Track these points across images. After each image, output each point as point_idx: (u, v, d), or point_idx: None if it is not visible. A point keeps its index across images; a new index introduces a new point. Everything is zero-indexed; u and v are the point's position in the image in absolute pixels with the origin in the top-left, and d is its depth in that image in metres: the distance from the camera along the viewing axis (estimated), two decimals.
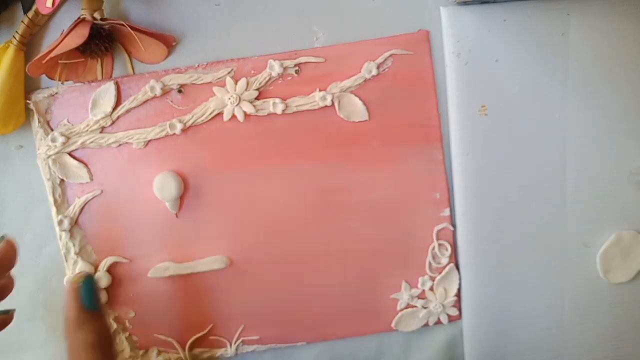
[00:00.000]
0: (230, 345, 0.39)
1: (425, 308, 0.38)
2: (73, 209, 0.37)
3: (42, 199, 0.37)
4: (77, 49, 0.33)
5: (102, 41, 0.35)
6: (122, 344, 0.38)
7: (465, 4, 0.35)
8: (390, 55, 0.36)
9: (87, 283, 0.32)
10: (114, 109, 0.36)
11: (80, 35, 0.32)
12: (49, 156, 0.36)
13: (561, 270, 0.37)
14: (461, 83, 0.36)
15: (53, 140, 0.36)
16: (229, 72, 0.36)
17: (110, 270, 0.37)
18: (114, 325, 0.38)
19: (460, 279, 0.38)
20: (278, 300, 0.38)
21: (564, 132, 0.36)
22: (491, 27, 0.36)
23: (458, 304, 0.38)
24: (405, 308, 0.38)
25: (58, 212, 0.37)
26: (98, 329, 0.31)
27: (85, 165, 0.37)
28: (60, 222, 0.37)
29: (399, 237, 0.38)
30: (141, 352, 0.38)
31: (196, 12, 0.36)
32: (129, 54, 0.36)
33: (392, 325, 0.38)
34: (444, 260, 0.38)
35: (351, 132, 0.37)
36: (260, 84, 0.36)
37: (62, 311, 0.38)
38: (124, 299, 0.38)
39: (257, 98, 0.36)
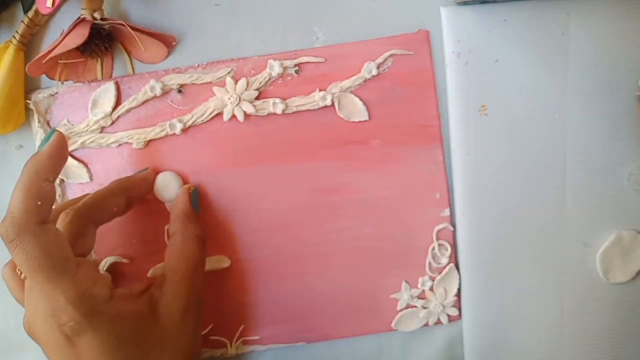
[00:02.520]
0: (230, 345, 0.39)
1: (425, 308, 0.38)
2: None
3: None
4: (77, 48, 0.33)
5: (102, 41, 0.35)
6: None
7: (465, 4, 0.35)
8: (390, 55, 0.36)
9: (196, 191, 0.36)
10: (114, 109, 0.36)
11: (80, 35, 0.32)
12: None
13: (561, 270, 0.37)
14: (461, 83, 0.36)
15: None
16: (229, 72, 0.36)
17: (110, 270, 0.37)
18: None
19: (460, 279, 0.38)
20: (278, 300, 0.38)
21: (564, 132, 0.36)
22: (491, 27, 0.36)
23: (458, 304, 0.38)
24: (405, 308, 0.38)
25: None
26: (202, 227, 0.35)
27: (85, 165, 0.37)
28: None
29: (398, 237, 0.38)
30: None
31: (196, 12, 0.36)
32: (129, 54, 0.36)
33: (392, 325, 0.38)
34: (444, 260, 0.38)
35: (351, 132, 0.37)
36: (260, 84, 0.36)
37: None
38: None
39: (257, 98, 0.36)
